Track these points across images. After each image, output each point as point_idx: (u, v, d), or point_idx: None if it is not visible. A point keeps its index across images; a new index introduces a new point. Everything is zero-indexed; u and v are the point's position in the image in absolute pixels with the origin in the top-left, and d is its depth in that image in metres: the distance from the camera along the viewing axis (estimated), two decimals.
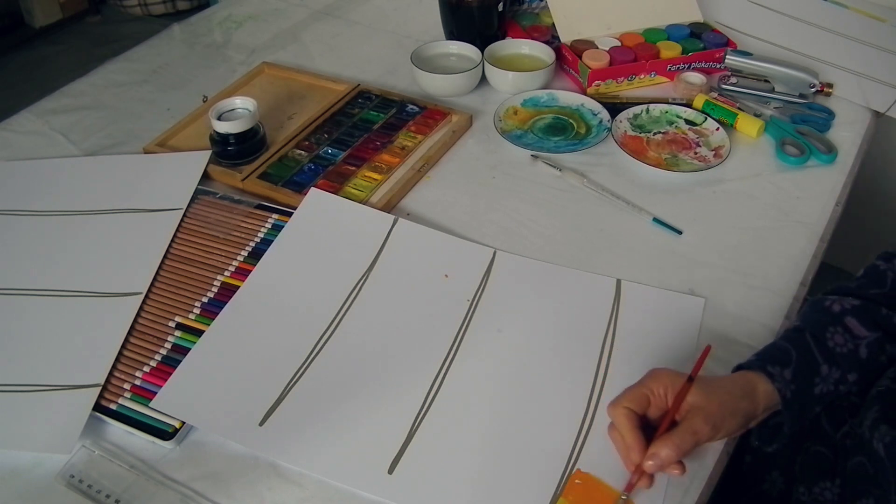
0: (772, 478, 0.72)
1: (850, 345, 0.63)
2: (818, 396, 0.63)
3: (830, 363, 0.63)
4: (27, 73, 2.50)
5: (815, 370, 0.63)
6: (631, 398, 0.60)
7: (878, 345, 0.64)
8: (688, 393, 0.60)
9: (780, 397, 0.61)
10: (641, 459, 0.58)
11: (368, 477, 0.61)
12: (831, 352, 0.63)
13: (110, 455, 0.63)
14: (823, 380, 0.63)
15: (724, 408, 0.59)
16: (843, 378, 0.63)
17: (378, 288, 0.77)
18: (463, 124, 0.98)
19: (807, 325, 0.65)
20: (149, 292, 0.77)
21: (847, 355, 0.63)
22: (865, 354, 0.63)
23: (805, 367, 0.62)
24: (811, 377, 0.62)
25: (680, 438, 0.57)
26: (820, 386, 0.63)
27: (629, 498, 0.58)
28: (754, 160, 0.93)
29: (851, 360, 0.63)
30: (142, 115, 1.04)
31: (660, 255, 0.80)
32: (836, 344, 0.63)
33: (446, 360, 0.70)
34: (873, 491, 0.61)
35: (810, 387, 0.62)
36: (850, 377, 0.63)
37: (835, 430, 0.70)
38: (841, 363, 0.63)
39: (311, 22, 1.26)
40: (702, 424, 0.58)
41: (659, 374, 0.61)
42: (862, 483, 0.62)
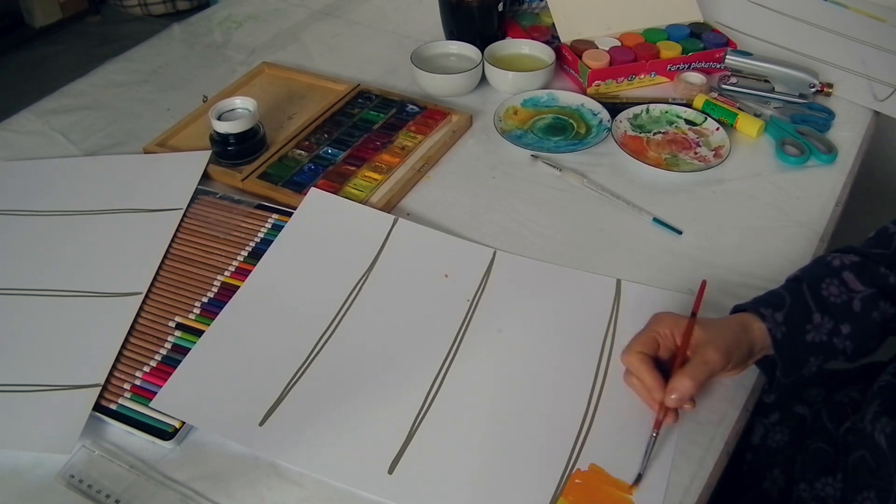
0: (773, 476, 0.72)
1: (844, 296, 0.64)
2: (810, 344, 0.64)
3: (823, 312, 0.64)
4: (27, 73, 2.50)
5: (807, 317, 0.64)
6: (641, 343, 0.64)
7: (872, 300, 0.64)
8: (693, 329, 0.63)
9: (771, 337, 0.63)
10: (663, 396, 0.61)
11: (368, 477, 0.61)
12: (825, 301, 0.64)
13: (110, 455, 0.63)
14: (816, 328, 0.64)
15: (728, 339, 0.63)
16: (836, 329, 0.64)
17: (378, 288, 0.77)
18: (463, 124, 0.98)
19: (805, 276, 0.67)
20: (149, 292, 0.77)
21: (840, 306, 0.64)
22: (859, 308, 0.64)
23: (797, 313, 0.64)
24: (803, 323, 0.64)
25: (695, 370, 0.61)
26: (812, 333, 0.64)
27: (658, 435, 0.62)
28: (754, 160, 0.93)
29: (844, 311, 0.64)
30: (142, 115, 1.04)
31: (660, 255, 0.80)
32: (830, 294, 0.65)
33: (446, 360, 0.70)
34: (875, 483, 0.61)
35: (802, 333, 0.64)
36: (843, 329, 0.64)
37: (836, 427, 0.70)
38: (834, 313, 0.64)
39: (311, 22, 1.26)
40: (713, 353, 0.61)
41: (662, 317, 0.65)
42: (864, 477, 0.63)
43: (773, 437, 0.75)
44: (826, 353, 0.65)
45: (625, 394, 0.67)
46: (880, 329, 0.65)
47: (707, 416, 0.65)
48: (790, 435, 0.74)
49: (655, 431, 0.61)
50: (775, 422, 0.76)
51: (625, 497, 0.59)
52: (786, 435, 0.74)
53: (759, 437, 0.75)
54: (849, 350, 0.65)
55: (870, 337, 0.66)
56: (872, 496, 0.61)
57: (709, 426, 0.64)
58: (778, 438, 0.74)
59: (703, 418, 0.65)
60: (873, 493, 0.61)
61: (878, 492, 0.60)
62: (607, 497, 0.59)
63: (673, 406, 0.61)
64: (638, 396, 0.65)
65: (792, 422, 0.75)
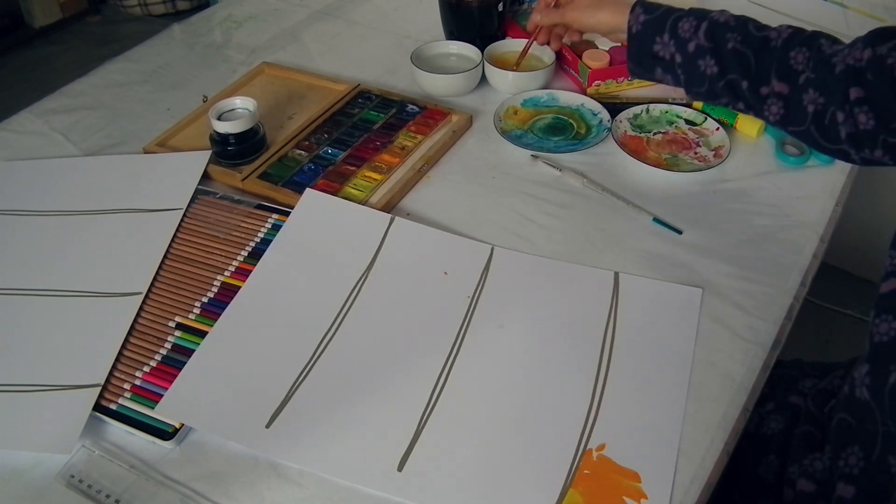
0: (768, 461, 0.73)
1: (687, 35, 0.78)
2: (655, 55, 0.81)
3: (671, 37, 0.79)
4: (27, 73, 2.51)
5: (659, 33, 0.80)
6: None
7: (702, 51, 0.77)
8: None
9: (627, 28, 0.83)
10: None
11: (379, 475, 0.61)
12: (676, 30, 0.79)
13: (110, 455, 0.63)
14: (662, 45, 0.80)
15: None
16: (673, 55, 0.80)
17: (378, 287, 0.77)
18: (463, 124, 0.98)
19: (687, 10, 0.80)
20: (149, 292, 0.77)
21: (682, 39, 0.79)
22: (692, 49, 0.78)
23: (654, 26, 0.81)
24: (653, 35, 0.81)
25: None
26: (659, 47, 0.81)
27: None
28: (754, 160, 0.93)
29: (682, 45, 0.79)
30: (142, 115, 1.04)
31: (660, 255, 0.80)
32: (682, 28, 0.79)
33: (450, 357, 0.70)
34: (859, 437, 0.62)
35: (651, 42, 0.81)
36: (676, 57, 0.79)
37: (821, 410, 0.72)
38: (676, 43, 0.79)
39: (311, 22, 1.26)
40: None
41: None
42: (846, 436, 0.64)
43: (768, 424, 0.75)
44: (670, 71, 0.81)
45: (629, 383, 0.67)
46: (706, 79, 0.78)
47: (707, 416, 0.65)
48: (784, 423, 0.75)
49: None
50: (770, 410, 0.76)
51: (634, 486, 0.59)
52: (780, 423, 0.75)
53: (753, 426, 0.76)
54: (681, 80, 0.81)
55: (696, 81, 0.80)
56: (857, 449, 0.62)
57: (709, 426, 0.64)
58: (773, 426, 0.75)
59: (703, 419, 0.65)
60: (857, 447, 0.62)
61: (863, 444, 0.62)
62: (617, 486, 0.60)
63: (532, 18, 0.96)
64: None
65: (786, 411, 0.76)
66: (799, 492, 0.67)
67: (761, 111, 0.77)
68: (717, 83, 0.78)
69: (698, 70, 0.78)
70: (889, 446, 0.59)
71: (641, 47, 0.82)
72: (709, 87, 0.79)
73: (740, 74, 0.76)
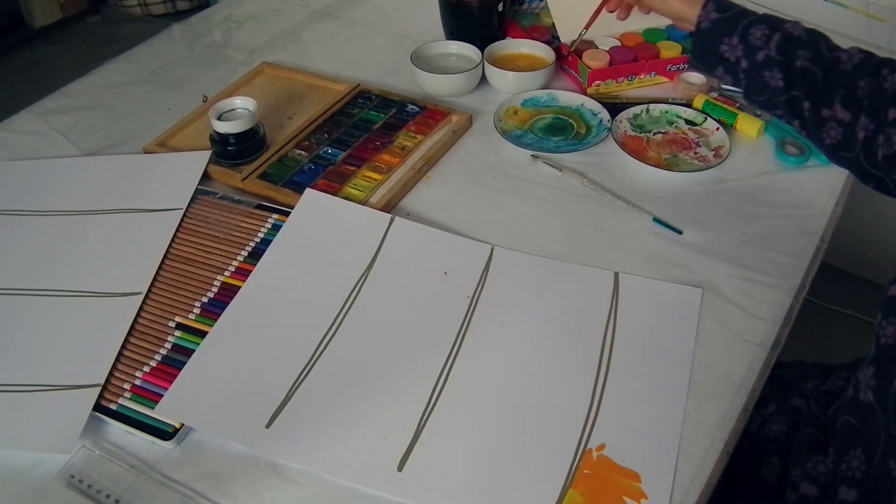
0: (770, 463, 0.73)
1: (758, 43, 0.77)
2: (721, 55, 0.80)
3: (740, 41, 0.78)
4: (27, 73, 2.51)
5: (728, 34, 0.79)
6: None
7: (770, 62, 0.76)
8: None
9: (696, 23, 0.81)
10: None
11: (379, 475, 0.61)
12: (747, 35, 0.78)
13: (110, 455, 0.63)
14: (729, 47, 0.79)
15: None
16: (739, 59, 0.79)
17: (378, 287, 0.77)
18: (463, 124, 0.98)
19: (757, 15, 0.79)
20: (149, 292, 0.77)
21: (751, 47, 0.77)
22: (760, 59, 0.77)
23: (725, 26, 0.79)
24: (722, 36, 0.80)
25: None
26: (725, 48, 0.79)
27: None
28: (754, 160, 0.93)
29: (750, 53, 0.77)
30: (142, 115, 1.04)
31: (660, 255, 0.80)
32: (753, 35, 0.78)
33: (450, 357, 0.70)
34: (861, 439, 0.62)
35: (718, 42, 0.80)
36: (742, 63, 0.78)
37: (824, 413, 0.72)
38: (745, 48, 0.78)
39: (311, 22, 1.26)
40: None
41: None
42: (849, 438, 0.64)
43: (770, 426, 0.75)
44: (731, 72, 0.81)
45: (629, 382, 0.67)
46: (768, 90, 0.77)
47: (707, 416, 0.65)
48: (787, 425, 0.75)
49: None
50: (772, 412, 0.76)
51: (634, 486, 0.59)
52: (783, 425, 0.75)
53: (756, 427, 0.76)
54: (742, 84, 0.80)
55: (757, 89, 0.79)
56: (859, 452, 0.62)
57: (709, 427, 0.64)
58: (775, 428, 0.75)
59: (704, 419, 0.65)
60: (860, 450, 0.62)
61: (865, 447, 0.61)
62: (617, 486, 0.60)
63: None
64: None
65: (788, 413, 0.76)
66: (802, 495, 0.67)
67: (818, 133, 0.75)
68: (778, 96, 0.77)
69: (763, 80, 0.77)
70: (891, 450, 0.58)
71: (708, 45, 0.81)
72: (769, 97, 0.78)
73: (804, 93, 0.75)
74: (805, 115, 0.75)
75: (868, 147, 0.71)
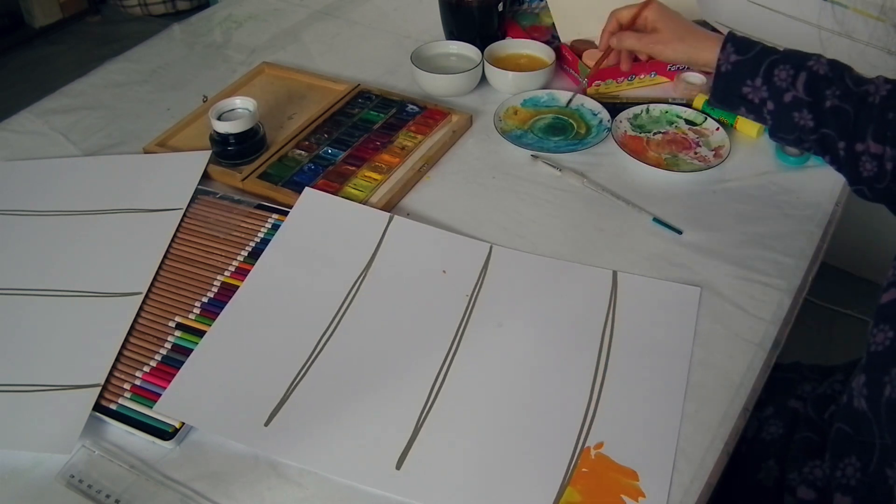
0: (767, 466, 0.73)
1: (784, 85, 0.75)
2: (743, 96, 0.78)
3: (764, 82, 0.76)
4: (27, 73, 2.51)
5: (752, 76, 0.77)
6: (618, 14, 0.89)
7: (799, 104, 0.75)
8: (647, 9, 0.86)
9: (716, 67, 0.79)
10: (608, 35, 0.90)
11: (377, 473, 0.61)
12: (771, 76, 0.76)
13: (110, 455, 0.63)
14: (753, 89, 0.77)
15: (682, 29, 0.85)
16: (764, 101, 0.77)
17: (377, 285, 0.77)
18: (463, 124, 0.98)
19: (780, 53, 0.77)
20: (149, 292, 0.77)
21: (777, 88, 0.76)
22: (788, 100, 0.75)
23: (747, 68, 0.77)
24: (745, 78, 0.78)
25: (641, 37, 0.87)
26: (748, 90, 0.78)
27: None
28: (754, 160, 0.93)
29: (777, 94, 0.76)
30: (142, 115, 1.04)
31: (660, 255, 0.80)
32: (778, 76, 0.76)
33: (448, 355, 0.70)
34: (856, 448, 0.62)
35: (740, 84, 0.78)
36: (769, 105, 0.77)
37: (820, 416, 0.72)
38: (770, 89, 0.76)
39: (311, 22, 1.26)
40: (664, 32, 0.85)
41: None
42: (844, 445, 0.64)
43: (767, 429, 0.75)
44: (755, 112, 0.79)
45: (627, 381, 0.68)
46: (797, 129, 0.76)
47: (707, 416, 0.65)
48: (784, 428, 0.75)
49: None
50: (769, 415, 0.76)
51: (632, 484, 0.60)
52: (780, 428, 0.75)
53: (753, 431, 0.76)
54: (769, 123, 0.78)
55: (785, 129, 0.77)
56: (854, 460, 0.62)
57: (709, 427, 0.64)
58: (773, 431, 0.75)
59: (704, 419, 0.65)
60: (854, 458, 0.62)
61: (860, 454, 0.62)
62: (615, 484, 0.60)
63: (607, 41, 0.90)
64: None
65: (786, 415, 0.76)
66: (799, 499, 0.67)
67: (854, 168, 0.74)
68: (808, 135, 0.75)
69: (791, 121, 0.76)
70: (886, 458, 0.58)
71: (729, 87, 0.79)
72: (798, 136, 0.77)
73: (836, 132, 0.73)
74: (840, 153, 0.74)
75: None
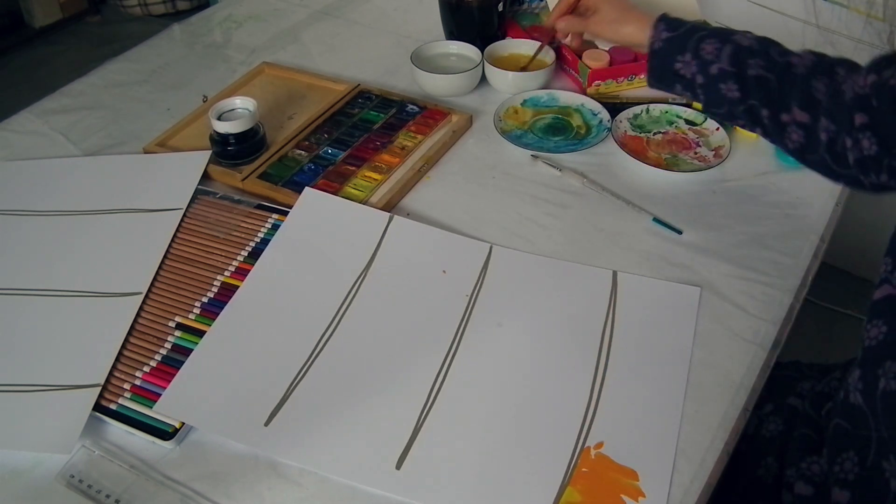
0: (766, 463, 0.73)
1: (710, 57, 0.77)
2: (676, 72, 0.80)
3: (694, 57, 0.78)
4: (27, 73, 2.51)
5: (681, 51, 0.79)
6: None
7: (725, 75, 0.76)
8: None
9: (649, 44, 0.82)
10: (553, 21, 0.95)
11: (377, 473, 0.61)
12: (699, 51, 0.78)
13: (110, 455, 0.63)
14: (684, 64, 0.79)
15: (617, 9, 0.88)
16: (695, 75, 0.79)
17: (377, 285, 0.77)
18: (463, 124, 0.98)
19: (709, 29, 0.80)
20: (149, 292, 0.77)
21: (704, 61, 0.78)
22: (714, 72, 0.77)
23: (677, 44, 0.80)
24: (675, 53, 0.80)
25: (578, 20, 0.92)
26: (680, 65, 0.80)
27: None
28: (754, 160, 0.93)
29: (704, 67, 0.78)
30: (142, 115, 1.04)
31: (660, 255, 0.80)
32: (705, 49, 0.78)
33: (448, 355, 0.70)
34: (853, 443, 0.62)
35: (672, 60, 0.80)
36: (698, 78, 0.78)
37: (818, 413, 0.72)
38: (699, 63, 0.78)
39: (311, 22, 1.26)
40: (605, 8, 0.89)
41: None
42: (842, 441, 0.64)
43: (766, 426, 0.75)
44: (689, 89, 0.81)
45: (627, 381, 0.68)
46: (726, 102, 0.78)
47: (707, 416, 0.65)
48: (783, 425, 0.75)
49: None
50: (769, 412, 0.76)
51: (632, 484, 0.60)
52: (779, 425, 0.75)
53: (752, 428, 0.76)
54: (702, 99, 0.80)
55: (715, 102, 0.79)
56: (852, 455, 0.62)
57: (709, 427, 0.64)
58: (772, 428, 0.75)
59: (703, 419, 0.65)
60: (852, 452, 0.62)
61: (858, 450, 0.62)
62: (615, 484, 0.60)
63: (556, 25, 0.95)
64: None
65: (785, 413, 0.76)
66: (797, 495, 0.67)
67: (781, 138, 0.76)
68: (737, 107, 0.77)
69: (719, 93, 0.78)
70: (883, 452, 0.59)
71: (663, 64, 0.81)
72: (728, 109, 0.79)
73: (761, 101, 0.75)
74: (765, 122, 0.76)
75: (832, 148, 0.72)
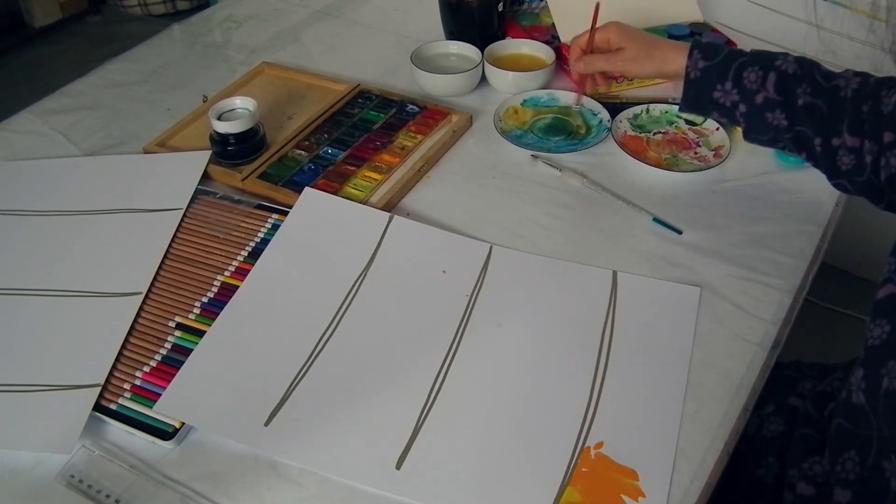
0: (767, 463, 0.73)
1: (754, 87, 0.76)
2: (715, 101, 0.79)
3: (735, 85, 0.77)
4: (27, 73, 2.51)
5: (721, 80, 0.78)
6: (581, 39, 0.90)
7: (771, 105, 0.76)
8: (608, 31, 0.87)
9: (685, 75, 0.80)
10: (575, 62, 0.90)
11: (377, 473, 0.61)
12: (741, 79, 0.77)
13: (110, 455, 0.63)
14: (724, 93, 0.78)
15: (645, 43, 0.84)
16: (736, 104, 0.78)
17: (377, 285, 0.77)
18: (463, 124, 0.98)
19: (747, 55, 0.78)
20: (149, 292, 0.77)
21: (748, 91, 0.77)
22: (760, 101, 0.76)
23: (716, 73, 0.78)
24: (715, 83, 0.78)
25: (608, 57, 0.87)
26: (719, 94, 0.78)
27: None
28: (754, 160, 0.93)
29: (748, 96, 0.77)
30: (142, 115, 1.04)
31: (660, 255, 0.80)
32: (748, 78, 0.77)
33: (448, 355, 0.70)
34: (855, 442, 0.62)
35: (711, 89, 0.79)
36: (741, 107, 0.77)
37: (820, 413, 0.72)
38: (741, 92, 0.77)
39: (311, 22, 1.26)
40: (628, 49, 0.85)
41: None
42: (844, 440, 0.64)
43: (767, 426, 0.75)
44: (727, 116, 0.80)
45: (627, 381, 0.68)
46: (771, 129, 0.77)
47: (707, 416, 0.65)
48: (784, 425, 0.75)
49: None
50: (770, 412, 0.76)
51: (632, 484, 0.60)
52: (780, 425, 0.75)
53: (753, 428, 0.76)
54: (742, 126, 0.80)
55: (759, 129, 0.78)
56: (853, 454, 0.62)
57: (709, 427, 0.64)
58: (773, 428, 0.75)
59: (703, 419, 0.65)
60: (854, 452, 0.62)
61: (859, 449, 0.62)
62: (614, 484, 0.60)
63: (575, 68, 0.90)
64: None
65: (786, 413, 0.76)
66: (798, 495, 0.67)
67: (833, 162, 0.74)
68: (783, 134, 0.77)
69: (765, 122, 0.77)
70: (883, 451, 0.59)
71: (700, 93, 0.80)
72: (773, 136, 0.78)
73: (811, 128, 0.74)
74: (817, 149, 0.75)
75: (876, 169, 0.71)
